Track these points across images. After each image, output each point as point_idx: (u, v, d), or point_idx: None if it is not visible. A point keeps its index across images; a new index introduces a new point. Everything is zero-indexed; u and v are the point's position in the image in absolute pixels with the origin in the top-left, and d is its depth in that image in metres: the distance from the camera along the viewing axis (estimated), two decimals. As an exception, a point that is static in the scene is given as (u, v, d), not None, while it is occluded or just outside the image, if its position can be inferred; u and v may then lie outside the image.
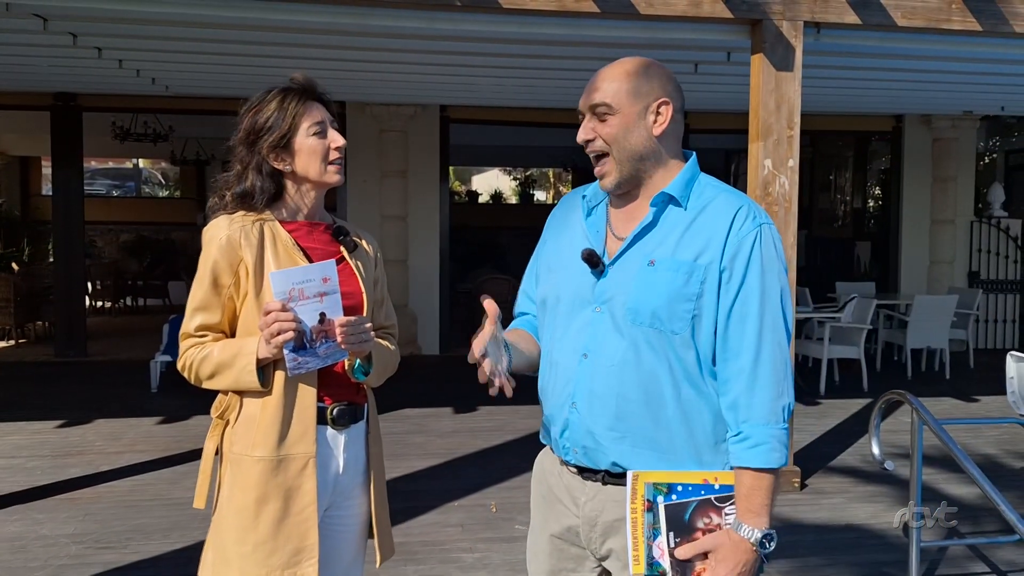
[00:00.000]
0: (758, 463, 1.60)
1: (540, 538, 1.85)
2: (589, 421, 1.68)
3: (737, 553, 1.60)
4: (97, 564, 3.74)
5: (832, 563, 3.88)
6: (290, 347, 1.80)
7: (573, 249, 1.74)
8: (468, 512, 4.46)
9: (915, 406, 3.35)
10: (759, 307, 1.63)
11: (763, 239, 1.65)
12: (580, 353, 1.70)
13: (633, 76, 1.68)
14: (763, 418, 1.61)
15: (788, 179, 4.81)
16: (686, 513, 1.62)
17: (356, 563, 2.08)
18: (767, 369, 1.62)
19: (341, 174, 1.96)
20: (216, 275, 1.88)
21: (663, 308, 1.63)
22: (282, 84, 1.96)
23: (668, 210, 1.70)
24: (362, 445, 2.02)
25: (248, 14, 4.67)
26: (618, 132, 1.67)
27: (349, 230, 2.04)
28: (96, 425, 6.21)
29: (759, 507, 1.61)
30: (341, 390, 1.95)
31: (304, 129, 1.91)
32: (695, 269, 1.63)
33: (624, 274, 1.68)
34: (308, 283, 1.79)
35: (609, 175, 1.71)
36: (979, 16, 4.89)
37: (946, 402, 7.30)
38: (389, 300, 2.14)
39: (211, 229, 1.90)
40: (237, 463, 1.89)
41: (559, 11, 4.48)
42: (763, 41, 4.74)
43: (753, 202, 1.72)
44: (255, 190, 1.90)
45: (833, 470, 5.35)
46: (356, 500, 2.03)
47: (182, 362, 1.93)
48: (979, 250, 10.37)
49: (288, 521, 1.86)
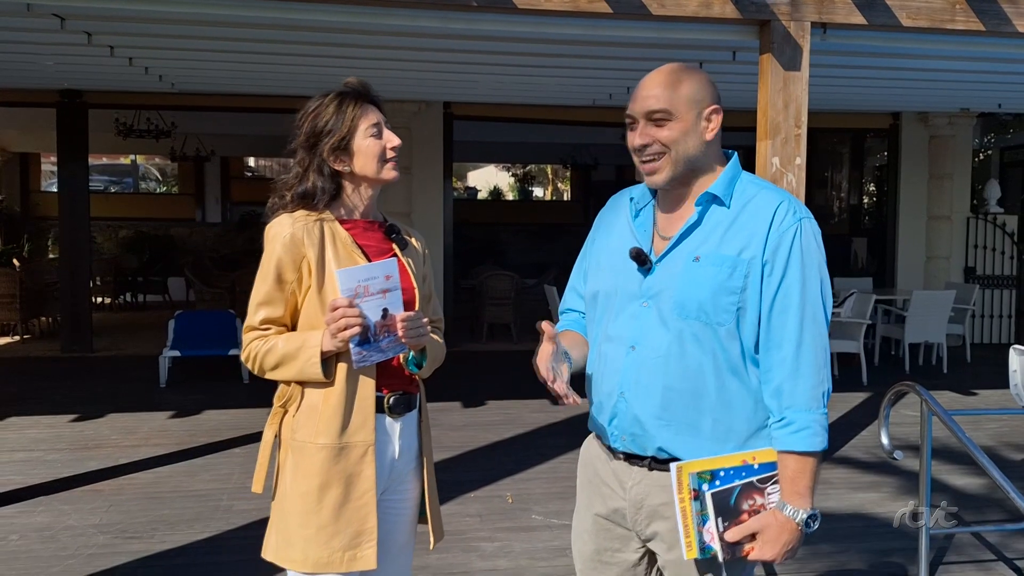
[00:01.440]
0: (803, 447, 1.69)
1: (585, 518, 1.95)
2: (637, 410, 1.77)
3: (784, 533, 1.70)
4: (126, 553, 3.82)
5: (843, 550, 3.99)
6: (355, 341, 1.88)
7: (621, 248, 1.84)
8: (484, 503, 4.55)
9: (924, 397, 3.45)
10: (800, 299, 1.71)
11: (803, 233, 1.73)
12: (628, 345, 1.78)
13: (688, 84, 1.76)
14: (805, 404, 1.70)
15: (795, 176, 4.91)
16: (732, 498, 1.71)
17: (408, 545, 2.17)
18: (808, 357, 1.71)
19: (397, 171, 2.04)
20: (280, 271, 1.95)
21: (708, 301, 1.71)
22: (337, 88, 2.04)
23: (712, 209, 1.78)
24: (415, 433, 2.11)
25: (269, 14, 4.74)
26: (677, 136, 1.75)
27: (400, 228, 2.12)
28: (110, 419, 6.28)
29: (804, 489, 1.70)
30: (397, 380, 2.04)
31: (362, 131, 1.99)
32: (739, 263, 1.71)
33: (671, 270, 1.76)
34: (372, 280, 1.88)
35: (661, 171, 1.77)
36: (982, 16, 4.99)
37: (944, 395, 7.43)
38: (436, 295, 2.22)
39: (274, 227, 1.98)
40: (300, 450, 1.97)
41: (573, 11, 4.56)
42: (771, 41, 4.83)
43: (793, 198, 1.79)
44: (316, 190, 1.98)
45: (837, 461, 5.46)
46: (409, 485, 2.12)
47: (246, 353, 2.00)
48: (975, 246, 10.51)
49: (349, 506, 1.95)
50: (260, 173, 22.12)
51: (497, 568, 3.71)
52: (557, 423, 6.21)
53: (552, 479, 4.97)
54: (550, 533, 4.12)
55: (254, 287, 1.99)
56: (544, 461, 5.32)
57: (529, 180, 22.72)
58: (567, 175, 20.60)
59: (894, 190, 10.63)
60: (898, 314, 8.92)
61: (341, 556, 1.94)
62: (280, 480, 2.01)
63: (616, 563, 1.90)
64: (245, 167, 20.21)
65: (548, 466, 5.23)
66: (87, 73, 7.42)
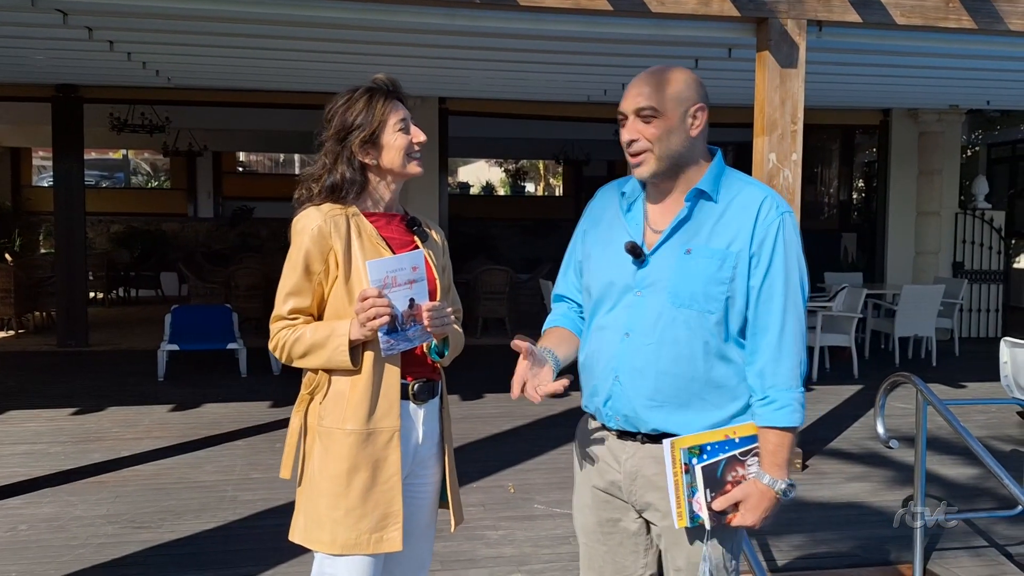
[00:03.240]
0: (783, 423, 1.85)
1: (584, 493, 2.06)
2: (631, 393, 1.90)
3: (764, 500, 1.86)
4: (135, 543, 3.87)
5: (839, 538, 4.09)
6: (383, 330, 1.95)
7: (613, 241, 1.95)
8: (487, 493, 4.62)
9: (920, 388, 3.54)
10: (783, 288, 1.86)
11: (786, 226, 1.88)
12: (623, 332, 1.91)
13: (675, 83, 1.88)
14: (786, 384, 1.85)
15: (791, 172, 5.00)
16: (718, 470, 1.85)
17: (430, 528, 2.24)
18: (790, 341, 1.86)
19: (422, 166, 2.11)
20: (308, 262, 2.01)
21: (700, 291, 1.85)
22: (366, 84, 2.10)
23: (700, 203, 1.91)
24: (437, 419, 2.18)
25: (274, 10, 4.78)
26: (661, 133, 1.87)
27: (421, 221, 2.19)
28: (110, 412, 6.31)
29: (782, 461, 1.86)
30: (420, 368, 2.11)
31: (391, 126, 2.06)
32: (727, 256, 1.85)
33: (663, 262, 1.89)
34: (400, 271, 1.95)
35: (647, 164, 1.89)
36: (975, 15, 5.08)
37: (934, 388, 7.45)
38: (454, 286, 2.29)
39: (302, 220, 2.03)
40: (328, 435, 2.03)
41: (574, 8, 4.63)
42: (768, 39, 4.91)
43: (776, 193, 1.93)
44: (345, 182, 2.04)
45: (830, 452, 5.57)
46: (431, 470, 2.19)
47: (274, 342, 2.06)
48: (963, 241, 10.64)
49: (376, 489, 2.01)
50: (252, 168, 22.10)
51: (502, 555, 3.78)
52: (555, 415, 6.29)
53: (552, 469, 5.04)
54: (552, 522, 4.19)
55: (282, 277, 2.05)
56: (543, 452, 5.39)
57: (521, 176, 22.77)
58: (559, 171, 20.66)
59: (884, 186, 10.76)
60: (888, 308, 9.04)
61: (368, 538, 2.00)
62: (307, 466, 2.07)
63: (618, 532, 2.02)
64: (237, 162, 20.19)
65: (548, 457, 5.31)
66: (84, 68, 7.42)
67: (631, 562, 2.02)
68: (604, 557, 2.04)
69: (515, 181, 22.50)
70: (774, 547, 3.94)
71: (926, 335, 8.80)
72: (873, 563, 3.82)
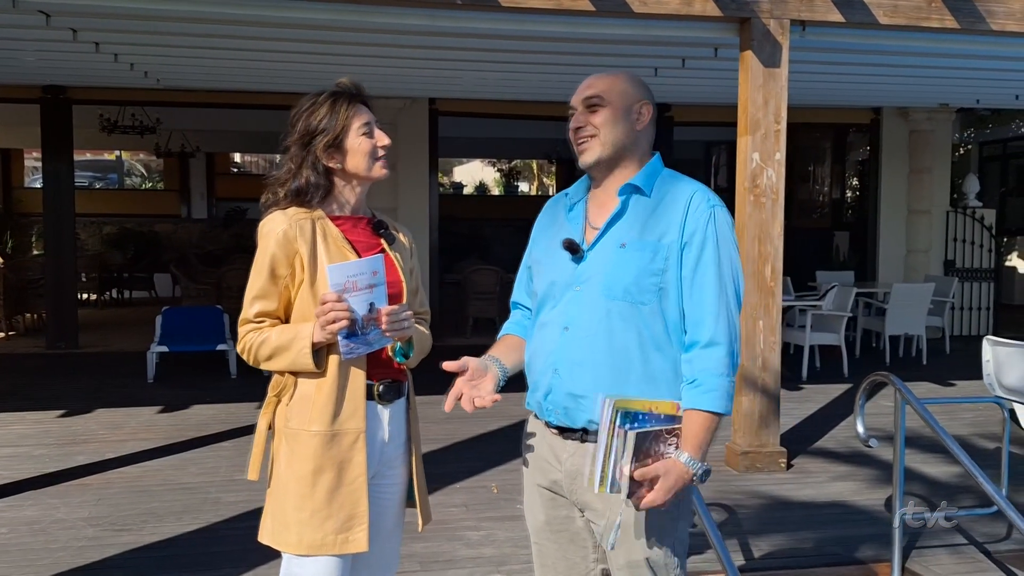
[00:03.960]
0: (708, 406, 1.88)
1: (531, 492, 2.11)
2: (569, 385, 1.94)
3: (680, 481, 1.88)
4: (116, 545, 3.87)
5: (821, 536, 4.09)
6: (344, 334, 1.97)
7: (557, 241, 2.01)
8: (470, 493, 4.62)
9: (898, 387, 3.55)
10: (715, 278, 1.91)
11: (716, 219, 1.93)
12: (562, 327, 1.96)
13: (623, 80, 2.00)
14: (716, 370, 1.89)
15: (775, 171, 5.00)
16: (645, 442, 1.87)
17: (397, 529, 2.25)
18: (722, 329, 1.90)
19: (388, 168, 2.13)
20: (274, 266, 2.03)
21: (633, 283, 1.90)
22: (330, 88, 2.12)
23: (634, 199, 1.97)
24: (403, 419, 2.20)
25: (255, 11, 4.78)
26: (608, 120, 1.96)
27: (388, 223, 2.20)
28: (97, 415, 6.30)
29: (703, 444, 1.90)
30: (386, 369, 2.13)
31: (355, 130, 2.07)
32: (659, 248, 1.91)
33: (600, 257, 1.95)
34: (360, 276, 1.97)
35: (591, 151, 1.97)
36: (957, 15, 5.10)
37: (923, 386, 7.56)
38: (423, 288, 2.31)
39: (268, 224, 2.06)
40: (294, 437, 2.04)
41: (556, 9, 4.64)
42: (751, 39, 4.92)
43: (707, 188, 1.99)
44: (309, 187, 2.06)
45: (816, 451, 5.57)
46: (398, 470, 2.20)
47: (241, 345, 2.08)
48: (954, 239, 10.66)
49: (342, 490, 2.03)
50: (246, 169, 22.08)
51: (482, 555, 3.78)
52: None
53: (537, 470, 5.03)
54: (535, 522, 4.19)
55: (249, 281, 2.07)
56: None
57: (515, 175, 22.78)
58: (552, 170, 20.66)
59: (875, 184, 10.77)
60: (879, 307, 9.05)
61: (334, 539, 2.02)
62: (275, 467, 2.08)
63: (565, 530, 2.05)
64: (231, 163, 20.17)
65: (533, 458, 5.30)
66: (71, 69, 7.42)
67: (581, 558, 2.06)
68: (555, 555, 2.08)
69: (508, 181, 22.50)
70: (755, 546, 3.95)
71: (916, 333, 8.81)
72: (853, 561, 3.83)
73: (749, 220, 4.99)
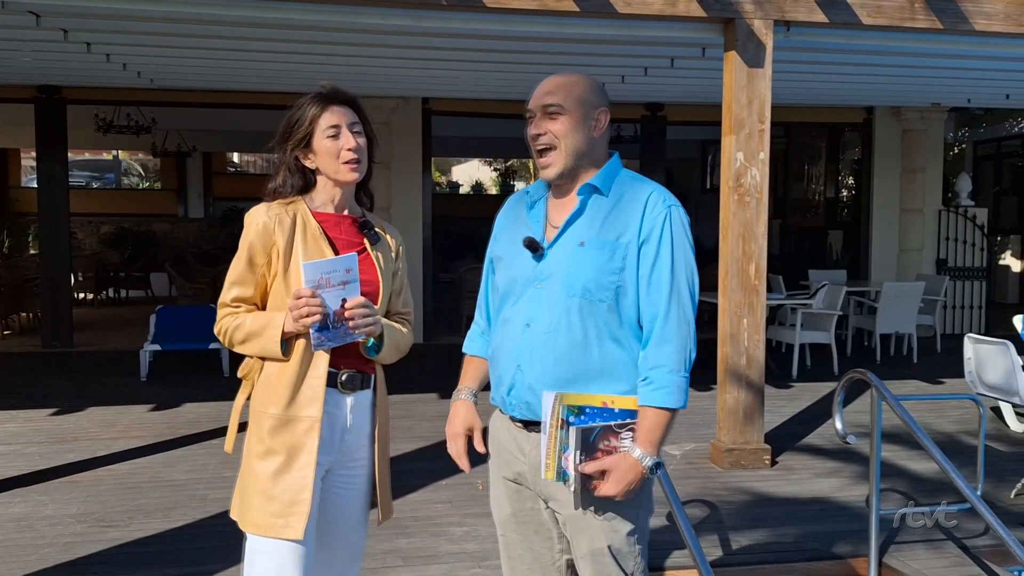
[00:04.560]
0: (661, 403, 1.94)
1: (497, 484, 2.17)
2: (531, 379, 2.00)
3: (630, 473, 1.93)
4: (102, 541, 3.91)
5: (802, 532, 4.13)
6: (316, 327, 2.06)
7: (518, 238, 2.06)
8: (455, 490, 4.66)
9: (875, 384, 3.59)
10: (669, 276, 1.96)
11: (672, 219, 1.98)
12: (524, 323, 2.02)
13: (580, 87, 2.02)
14: (668, 367, 1.95)
15: (759, 171, 5.04)
16: (592, 435, 1.93)
17: (361, 525, 2.29)
18: (673, 327, 1.96)
19: (357, 172, 2.17)
20: (252, 255, 2.13)
21: (592, 281, 1.96)
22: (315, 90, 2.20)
23: (593, 199, 2.02)
24: (368, 411, 2.25)
25: (242, 12, 4.82)
26: (567, 129, 1.99)
27: (375, 224, 2.27)
28: (89, 412, 6.35)
29: (656, 439, 1.95)
30: (354, 360, 2.19)
31: (321, 131, 2.14)
32: (617, 247, 1.96)
33: (559, 255, 2.00)
34: (334, 273, 2.05)
35: (554, 166, 2.02)
36: (940, 15, 5.13)
37: (912, 384, 7.60)
38: (408, 289, 2.38)
39: (251, 215, 2.16)
40: (256, 418, 2.14)
41: (540, 10, 4.68)
42: (735, 39, 4.96)
43: (664, 188, 2.04)
44: (286, 184, 2.17)
45: (802, 449, 5.61)
46: (362, 463, 2.25)
47: (218, 327, 2.18)
48: (947, 238, 10.69)
49: (288, 475, 2.09)
50: (243, 169, 22.11)
51: (464, 551, 3.82)
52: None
53: (523, 467, 5.07)
54: (518, 518, 4.23)
55: (230, 267, 2.17)
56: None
57: (511, 175, 22.81)
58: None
59: (868, 183, 10.81)
60: (870, 306, 9.09)
61: (272, 522, 2.07)
62: (245, 444, 2.18)
63: (531, 521, 2.11)
64: (228, 162, 20.20)
65: (520, 455, 5.34)
66: (65, 69, 7.46)
67: (546, 549, 2.11)
68: (521, 546, 2.13)
69: (505, 180, 22.54)
70: (735, 541, 3.99)
71: (907, 332, 8.85)
72: (831, 556, 3.87)
73: (734, 219, 5.03)
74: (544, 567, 2.14)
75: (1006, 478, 4.91)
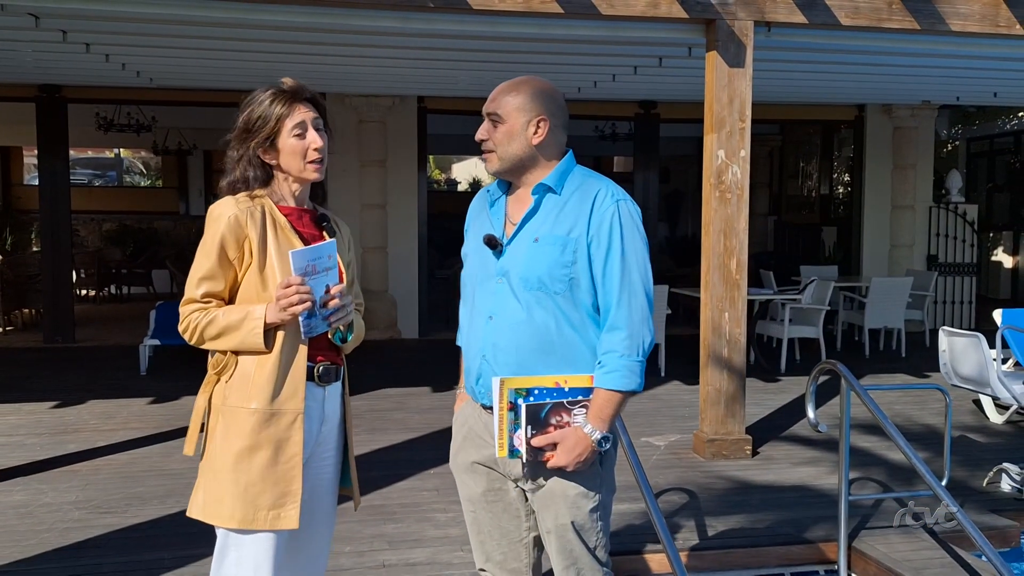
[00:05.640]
0: (611, 385, 2.09)
1: (463, 466, 2.30)
2: (497, 369, 2.13)
3: (579, 445, 2.08)
4: (99, 527, 4.05)
5: (778, 519, 4.25)
6: (304, 315, 2.11)
7: (481, 234, 2.20)
8: (443, 479, 4.79)
9: (843, 374, 3.71)
10: (620, 267, 2.09)
11: (621, 212, 2.11)
12: (487, 316, 2.16)
13: (522, 95, 2.13)
14: (620, 351, 2.09)
15: (740, 168, 5.17)
16: (542, 412, 2.08)
17: (332, 509, 2.37)
18: (624, 314, 2.10)
19: (320, 172, 2.22)
20: (224, 249, 2.11)
21: (546, 274, 2.09)
22: (275, 85, 2.21)
23: (547, 197, 2.16)
24: (339, 402, 2.33)
25: (234, 14, 4.95)
26: (503, 138, 2.14)
27: (330, 217, 2.34)
28: (89, 406, 6.49)
29: (606, 416, 2.10)
30: (326, 352, 2.25)
31: (287, 130, 2.16)
32: (568, 242, 2.10)
33: (517, 251, 2.14)
34: (319, 260, 2.12)
35: (491, 163, 2.19)
36: (917, 16, 5.24)
37: (899, 378, 7.73)
38: (357, 280, 2.45)
39: (218, 208, 2.15)
40: (232, 414, 2.14)
41: (525, 11, 4.79)
42: (716, 39, 5.08)
43: (613, 183, 2.17)
44: (247, 180, 2.17)
45: (783, 439, 5.74)
46: (332, 452, 2.33)
47: (184, 324, 2.18)
48: (938, 234, 10.80)
49: (277, 468, 2.13)
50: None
51: (448, 536, 3.96)
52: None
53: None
54: (503, 506, 4.36)
55: (195, 263, 2.16)
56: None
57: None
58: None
59: (859, 180, 10.92)
60: (860, 301, 9.20)
61: (266, 515, 2.12)
62: (210, 443, 2.18)
63: (500, 500, 2.25)
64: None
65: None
66: (65, 69, 7.59)
67: (514, 526, 2.26)
68: (490, 523, 2.27)
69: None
70: (711, 527, 4.12)
71: (896, 327, 8.96)
72: (803, 541, 3.99)
73: (715, 215, 5.16)
74: (512, 543, 2.28)
75: (982, 467, 5.04)
